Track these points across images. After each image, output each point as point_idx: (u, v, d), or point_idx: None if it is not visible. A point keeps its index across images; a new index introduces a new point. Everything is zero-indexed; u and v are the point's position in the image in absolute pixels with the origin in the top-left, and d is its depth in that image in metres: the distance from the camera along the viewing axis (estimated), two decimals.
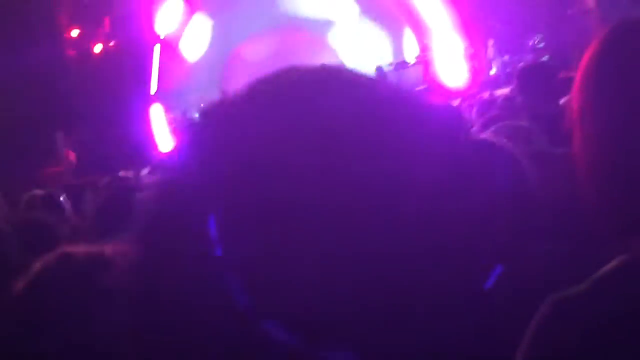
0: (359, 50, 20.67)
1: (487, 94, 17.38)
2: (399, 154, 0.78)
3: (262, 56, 19.71)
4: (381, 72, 19.92)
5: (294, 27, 20.12)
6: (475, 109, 8.11)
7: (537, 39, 19.04)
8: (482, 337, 0.77)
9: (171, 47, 19.76)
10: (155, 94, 19.47)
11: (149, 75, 19.49)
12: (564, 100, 4.61)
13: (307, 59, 19.83)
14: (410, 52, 20.90)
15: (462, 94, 16.35)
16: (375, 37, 21.21)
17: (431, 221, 0.76)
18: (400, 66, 20.22)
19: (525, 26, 19.10)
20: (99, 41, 19.72)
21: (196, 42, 20.01)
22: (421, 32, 20.46)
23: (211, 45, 19.62)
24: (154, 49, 19.74)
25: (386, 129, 0.81)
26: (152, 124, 19.02)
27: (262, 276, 0.71)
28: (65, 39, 19.21)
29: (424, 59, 20.04)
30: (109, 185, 7.14)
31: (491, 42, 19.74)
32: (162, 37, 19.63)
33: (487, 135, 2.93)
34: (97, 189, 8.08)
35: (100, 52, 19.66)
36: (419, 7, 20.21)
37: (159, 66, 19.65)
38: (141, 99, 19.03)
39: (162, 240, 0.77)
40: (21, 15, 16.69)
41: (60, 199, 5.74)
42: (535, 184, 2.19)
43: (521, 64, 7.41)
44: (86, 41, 19.57)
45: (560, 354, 1.33)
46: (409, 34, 21.02)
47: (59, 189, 7.15)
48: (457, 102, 12.63)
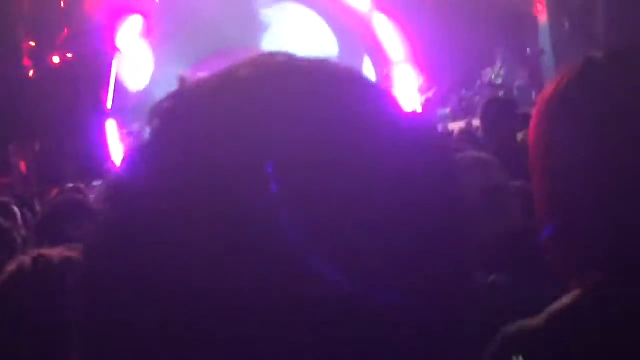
0: None
1: (440, 127, 17.61)
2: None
3: None
4: None
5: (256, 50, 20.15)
6: None
7: (494, 74, 19.32)
8: None
9: (129, 63, 19.69)
10: (111, 108, 19.35)
11: (106, 89, 19.38)
12: (522, 134, 4.69)
13: None
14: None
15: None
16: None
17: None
18: None
19: (482, 62, 19.37)
20: (57, 53, 19.56)
21: (150, 60, 19.96)
22: (380, 61, 20.62)
23: (172, 61, 19.57)
24: (113, 64, 19.66)
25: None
26: (107, 137, 18.89)
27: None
28: (22, 49, 19.06)
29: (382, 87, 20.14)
30: (57, 195, 7.08)
31: (448, 76, 19.96)
32: (121, 52, 19.55)
33: None
34: (45, 199, 8.01)
35: (57, 64, 19.50)
36: (379, 36, 20.41)
37: (117, 81, 19.57)
38: (97, 112, 18.91)
39: None
40: None
41: (13, 208, 5.68)
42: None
43: (487, 98, 7.50)
44: (44, 52, 19.41)
45: None
46: (368, 62, 21.17)
47: (10, 198, 7.05)
48: None
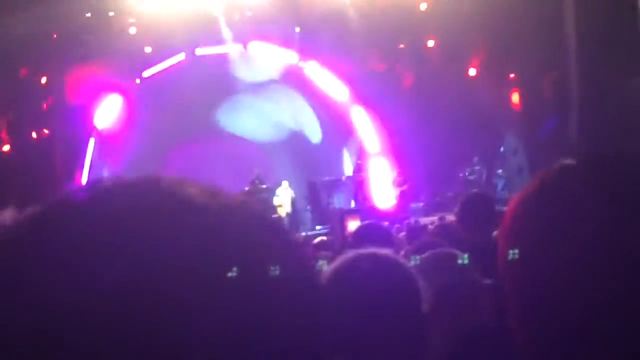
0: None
1: (413, 220, 17.67)
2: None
3: (198, 158, 19.92)
4: (313, 189, 20.17)
5: (235, 135, 20.43)
6: (403, 234, 8.26)
7: (469, 171, 19.56)
8: None
9: (106, 142, 19.76)
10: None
11: (81, 167, 19.38)
12: (495, 232, 4.72)
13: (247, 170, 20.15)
14: (345, 170, 21.19)
15: (391, 217, 16.57)
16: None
17: None
18: (331, 184, 20.44)
19: (457, 158, 19.63)
20: (34, 128, 19.61)
21: (130, 137, 20.05)
22: (357, 152, 20.86)
23: (147, 142, 19.69)
24: (89, 142, 19.72)
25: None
26: None
27: None
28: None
29: (357, 179, 20.34)
30: None
31: (422, 169, 20.17)
32: (98, 131, 19.65)
33: (419, 261, 3.00)
34: None
35: (34, 139, 19.52)
36: (356, 129, 20.70)
37: (92, 159, 19.60)
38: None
39: None
40: None
41: None
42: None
43: (465, 194, 7.59)
44: (21, 127, 19.44)
45: None
46: (346, 153, 21.41)
47: None
48: (385, 224, 12.78)
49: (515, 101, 19.96)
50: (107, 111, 19.75)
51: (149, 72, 20.36)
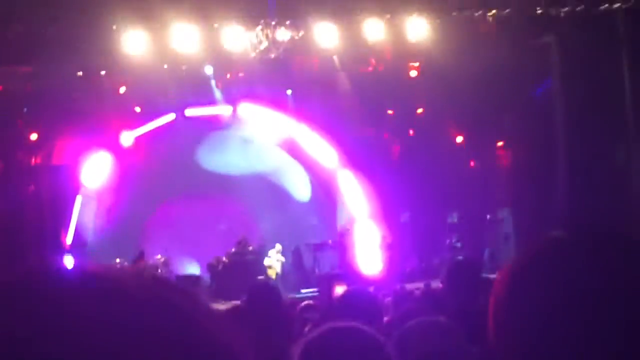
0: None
1: (399, 286, 17.62)
2: None
3: (185, 218, 19.93)
4: (298, 252, 20.12)
5: (222, 194, 20.44)
6: (390, 299, 8.22)
7: (455, 239, 19.60)
8: None
9: (94, 200, 19.72)
10: (70, 244, 19.21)
11: (67, 225, 19.29)
12: (481, 300, 4.71)
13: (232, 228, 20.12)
14: (330, 234, 21.15)
15: (376, 282, 16.53)
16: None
17: None
18: (318, 247, 20.42)
19: (443, 225, 19.71)
20: (20, 183, 19.56)
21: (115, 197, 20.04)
22: (344, 216, 20.86)
23: (134, 200, 19.69)
24: (76, 200, 19.67)
25: None
26: None
27: None
28: None
29: (343, 243, 20.31)
30: None
31: (409, 235, 20.21)
32: (85, 188, 19.62)
33: (405, 329, 2.98)
34: None
35: (20, 196, 19.45)
36: (344, 193, 20.74)
37: (78, 217, 19.53)
38: (55, 248, 18.74)
39: None
40: None
41: None
42: None
43: (452, 260, 7.56)
44: (8, 183, 19.41)
45: None
46: (333, 216, 21.40)
47: None
48: (371, 289, 12.71)
49: (502, 169, 20.11)
50: (95, 169, 19.74)
51: (139, 132, 20.41)
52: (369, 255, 19.96)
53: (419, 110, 20.85)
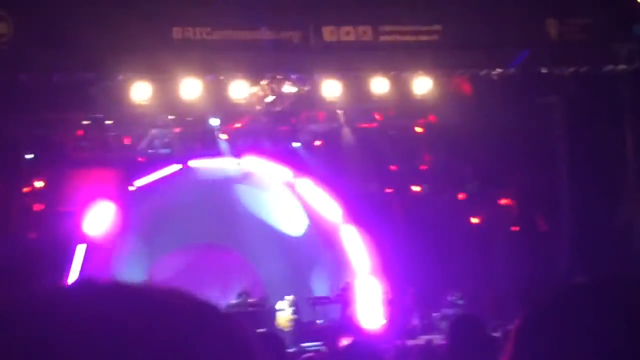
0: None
1: (400, 342, 17.55)
2: None
3: (184, 268, 19.87)
4: (297, 307, 20.02)
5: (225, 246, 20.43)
6: (391, 355, 8.16)
7: (458, 296, 19.50)
8: None
9: (96, 249, 19.68)
10: None
11: (67, 274, 19.22)
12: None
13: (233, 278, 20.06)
14: (331, 288, 21.08)
15: (378, 337, 16.43)
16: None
17: None
18: (318, 301, 20.35)
19: (446, 281, 19.64)
20: (20, 230, 19.57)
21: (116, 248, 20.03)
22: (344, 270, 20.81)
23: (135, 250, 19.67)
24: (77, 249, 19.62)
25: None
26: None
27: None
28: None
29: (343, 297, 20.23)
30: None
31: (411, 291, 20.12)
32: (88, 237, 19.60)
33: None
34: None
35: (20, 242, 19.42)
36: (346, 247, 20.72)
37: (80, 266, 19.47)
38: None
39: None
40: None
41: None
42: None
43: (455, 316, 7.50)
44: (7, 228, 19.43)
45: None
46: (335, 270, 21.36)
47: None
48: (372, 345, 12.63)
49: (506, 227, 20.09)
50: (98, 218, 19.75)
51: (142, 182, 20.44)
52: (371, 310, 19.87)
53: (423, 166, 20.91)
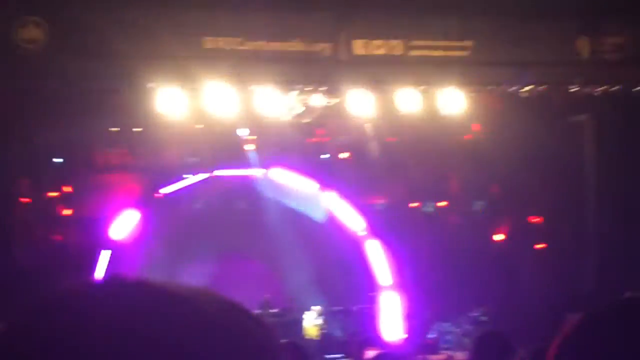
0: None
1: (421, 357, 17.50)
2: None
3: (207, 277, 19.88)
4: (324, 318, 20.01)
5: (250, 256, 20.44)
6: None
7: (481, 312, 19.40)
8: None
9: (119, 256, 19.77)
10: None
11: (92, 279, 19.31)
12: None
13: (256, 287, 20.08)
14: (356, 301, 21.03)
15: (401, 351, 16.39)
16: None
17: None
18: (342, 313, 20.34)
19: (470, 297, 19.55)
20: (47, 234, 19.75)
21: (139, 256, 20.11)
22: (368, 283, 20.76)
23: (158, 258, 19.74)
24: (101, 254, 19.72)
25: None
26: None
27: None
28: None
29: (367, 310, 20.23)
30: None
31: (433, 306, 20.05)
32: (112, 243, 19.71)
33: None
34: None
35: (45, 245, 19.60)
36: (370, 260, 20.69)
37: (105, 272, 19.56)
38: None
39: None
40: None
41: None
42: None
43: (480, 331, 7.44)
44: (33, 231, 19.61)
45: None
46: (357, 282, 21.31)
47: None
48: None
49: (532, 244, 19.98)
50: (124, 225, 19.85)
51: (169, 189, 20.53)
52: (393, 323, 19.85)
53: (450, 182, 20.88)
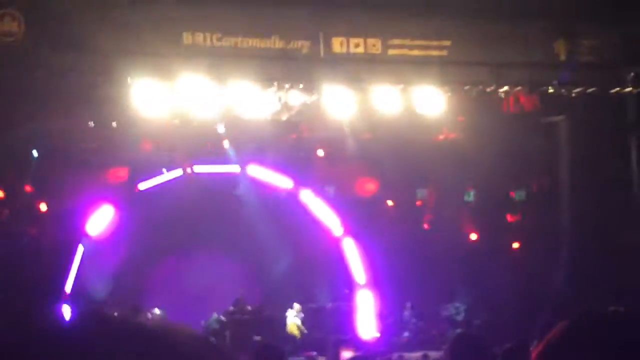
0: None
1: (396, 355, 17.58)
2: None
3: (182, 272, 19.88)
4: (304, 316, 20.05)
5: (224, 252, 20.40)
6: None
7: (454, 310, 19.52)
8: None
9: (95, 249, 19.71)
10: (70, 293, 19.13)
11: (67, 272, 19.23)
12: None
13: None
14: (331, 298, 21.06)
15: (373, 348, 16.47)
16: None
17: None
18: (316, 311, 20.37)
19: (443, 297, 19.66)
20: (24, 228, 19.63)
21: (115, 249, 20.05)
22: (345, 280, 20.81)
23: (135, 253, 19.71)
24: (78, 248, 19.64)
25: None
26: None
27: None
28: None
29: (343, 308, 20.26)
30: None
31: (408, 305, 20.15)
32: (88, 237, 19.63)
33: None
34: None
35: (22, 240, 19.48)
36: (346, 258, 20.72)
37: (79, 267, 19.49)
38: (54, 295, 18.67)
39: None
40: None
41: None
42: None
43: (455, 334, 7.50)
44: (10, 226, 19.47)
45: None
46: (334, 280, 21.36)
47: None
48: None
49: (507, 243, 20.09)
50: (100, 220, 19.77)
51: (146, 185, 20.47)
52: (368, 322, 19.90)
53: (425, 180, 20.95)
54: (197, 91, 17.42)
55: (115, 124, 19.31)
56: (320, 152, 20.83)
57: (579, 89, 17.44)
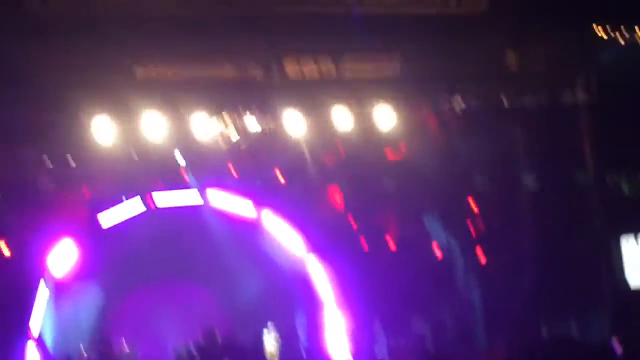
0: None
1: None
2: None
3: (148, 307, 19.74)
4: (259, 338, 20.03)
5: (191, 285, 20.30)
6: None
7: (422, 328, 19.66)
8: None
9: (59, 289, 19.44)
10: (35, 333, 18.83)
11: (31, 313, 18.91)
12: None
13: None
14: (299, 320, 21.06)
15: None
16: None
17: None
18: (288, 333, 20.37)
19: (411, 314, 19.77)
20: None
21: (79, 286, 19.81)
22: (311, 302, 20.81)
23: (101, 289, 19.53)
24: (40, 286, 19.34)
25: None
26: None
27: None
28: None
29: (313, 329, 20.27)
30: None
31: (376, 323, 20.21)
32: (51, 277, 19.32)
33: None
34: None
35: None
36: (312, 278, 20.72)
37: (43, 304, 19.19)
38: (18, 334, 18.40)
39: None
40: None
41: None
42: None
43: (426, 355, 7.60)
44: None
45: None
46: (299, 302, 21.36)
47: None
48: None
49: (471, 260, 20.24)
50: (61, 257, 19.47)
51: (107, 220, 20.14)
52: (337, 342, 19.95)
53: (387, 198, 20.98)
54: (153, 123, 17.38)
55: (71, 157, 19.07)
56: (279, 175, 20.77)
57: (532, 101, 17.62)
